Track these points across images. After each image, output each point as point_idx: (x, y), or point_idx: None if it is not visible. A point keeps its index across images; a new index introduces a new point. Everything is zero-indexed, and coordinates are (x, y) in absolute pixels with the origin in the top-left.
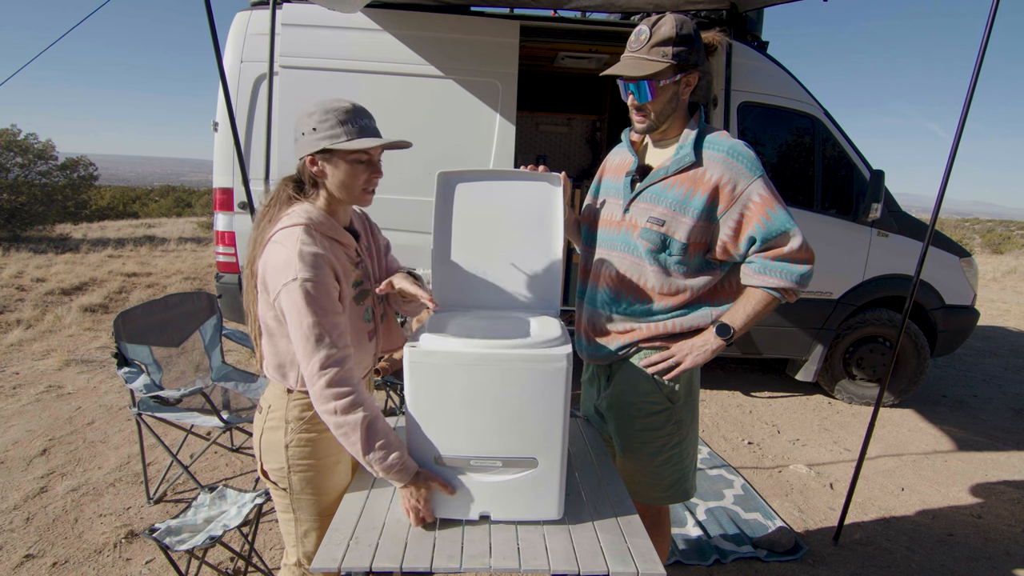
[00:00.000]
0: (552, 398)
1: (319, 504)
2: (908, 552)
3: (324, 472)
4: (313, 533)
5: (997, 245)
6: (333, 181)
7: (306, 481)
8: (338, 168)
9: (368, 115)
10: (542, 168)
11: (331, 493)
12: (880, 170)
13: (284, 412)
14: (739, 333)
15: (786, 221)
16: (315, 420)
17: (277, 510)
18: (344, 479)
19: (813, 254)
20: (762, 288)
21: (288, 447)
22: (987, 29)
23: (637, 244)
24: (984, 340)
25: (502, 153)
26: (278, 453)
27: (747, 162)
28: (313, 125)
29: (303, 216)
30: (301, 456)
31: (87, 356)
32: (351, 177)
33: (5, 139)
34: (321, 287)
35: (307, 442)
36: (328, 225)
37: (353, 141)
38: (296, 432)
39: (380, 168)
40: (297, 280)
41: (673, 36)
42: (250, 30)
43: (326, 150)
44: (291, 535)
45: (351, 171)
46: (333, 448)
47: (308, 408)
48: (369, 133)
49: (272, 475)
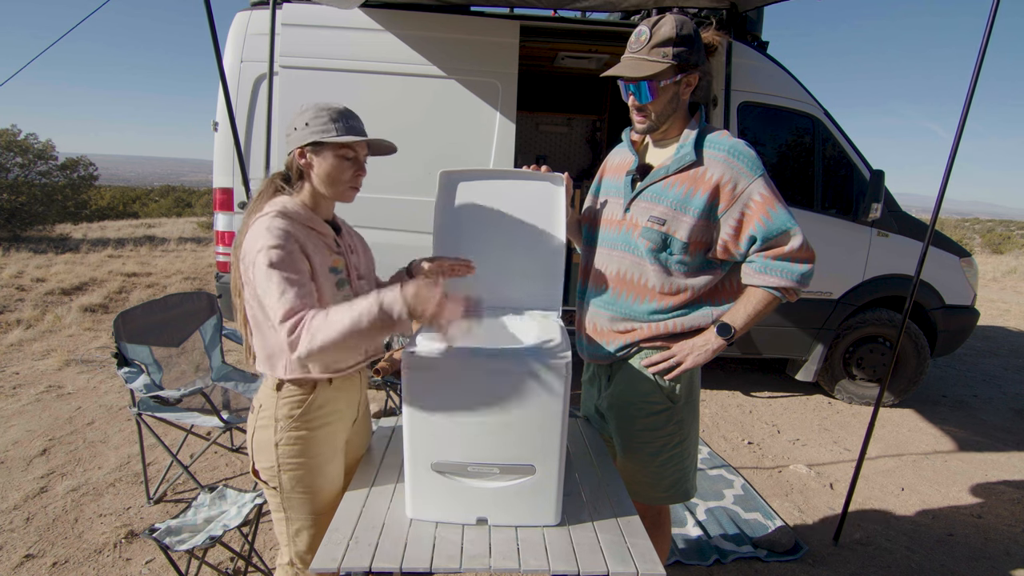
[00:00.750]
0: (550, 405)
1: (310, 503)
2: (908, 552)
3: (314, 471)
4: (305, 532)
5: (997, 245)
6: (319, 173)
7: (296, 480)
8: (325, 161)
9: (358, 119)
10: (544, 168)
11: (322, 492)
12: (880, 170)
13: (274, 411)
14: (740, 333)
15: (787, 220)
16: (304, 418)
17: (271, 509)
18: (336, 479)
19: (814, 253)
20: (763, 287)
21: (278, 445)
22: (987, 29)
23: (638, 243)
24: (984, 340)
25: (502, 153)
26: (268, 452)
27: (748, 161)
28: (306, 121)
29: (279, 206)
30: (291, 455)
31: (87, 356)
32: (337, 171)
33: (5, 139)
34: (286, 255)
35: (296, 440)
36: (304, 215)
37: (341, 136)
38: (285, 430)
39: (364, 167)
40: (263, 250)
41: (673, 36)
42: (250, 30)
43: (315, 143)
44: (283, 534)
45: (337, 165)
46: (323, 447)
47: (298, 406)
48: (357, 134)
49: (263, 474)
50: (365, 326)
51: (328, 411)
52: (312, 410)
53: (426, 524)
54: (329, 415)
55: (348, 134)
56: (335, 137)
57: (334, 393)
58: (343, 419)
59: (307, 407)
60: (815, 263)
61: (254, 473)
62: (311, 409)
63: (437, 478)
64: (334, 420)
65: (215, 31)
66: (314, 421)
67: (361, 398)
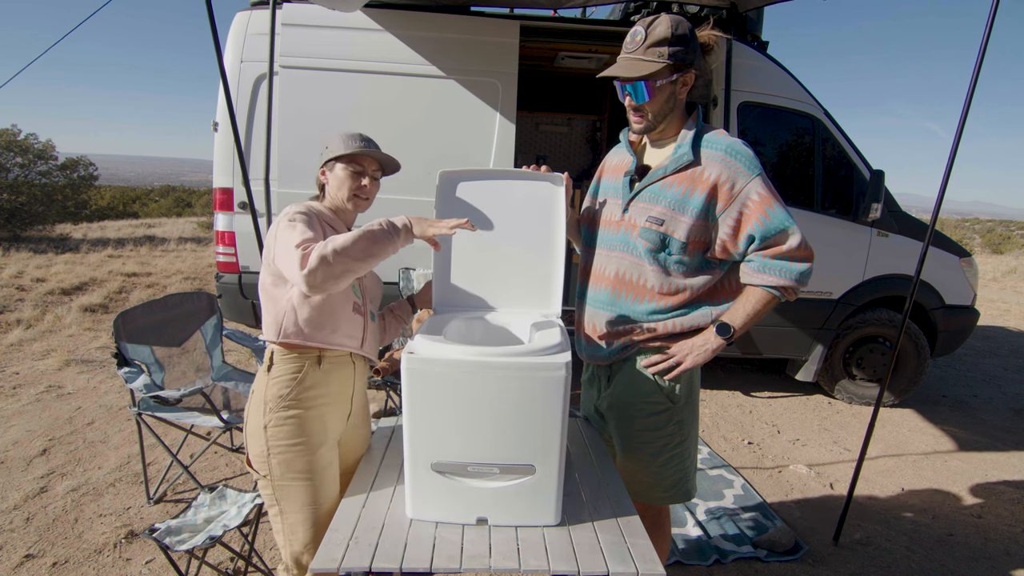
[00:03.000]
0: (550, 406)
1: (303, 492)
2: (908, 552)
3: (304, 454)
4: (300, 528)
5: (997, 245)
6: (331, 185)
7: (286, 465)
8: (334, 173)
9: (372, 142)
10: (544, 168)
11: (314, 479)
12: (880, 170)
13: (264, 393)
14: (739, 332)
15: (785, 219)
16: (294, 397)
17: (267, 507)
18: (330, 467)
19: (812, 252)
20: (762, 287)
21: (267, 428)
22: (987, 29)
23: (636, 244)
24: (984, 340)
25: (502, 153)
26: (258, 437)
27: (745, 160)
28: (328, 144)
29: (304, 205)
30: (280, 436)
31: (87, 356)
32: (340, 180)
33: (5, 139)
34: (309, 219)
35: (285, 420)
36: (328, 216)
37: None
38: (274, 411)
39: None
40: (288, 215)
41: (668, 36)
42: (250, 30)
43: (329, 160)
44: (280, 533)
45: (343, 175)
46: (314, 428)
47: (287, 385)
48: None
49: (254, 461)
50: (375, 231)
51: (318, 393)
52: (302, 390)
53: (426, 524)
54: (319, 398)
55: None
56: (339, 151)
57: (324, 376)
58: (334, 405)
59: (296, 385)
60: (814, 262)
61: (247, 464)
62: (301, 389)
63: (437, 478)
64: (324, 404)
65: (216, 31)
66: (304, 402)
67: (354, 392)
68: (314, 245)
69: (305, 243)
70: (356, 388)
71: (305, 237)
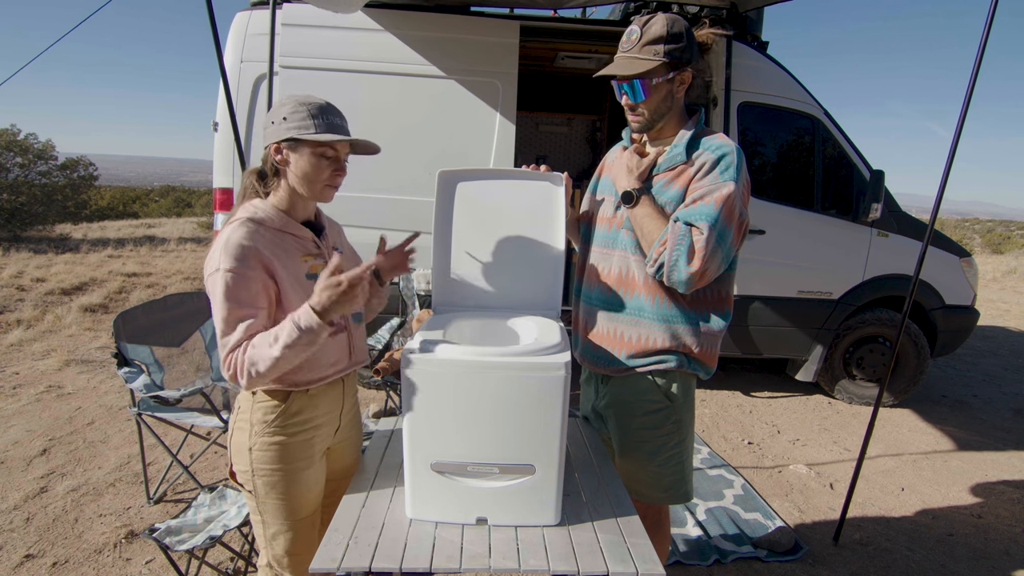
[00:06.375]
0: (550, 405)
1: (285, 509)
2: (908, 552)
3: (288, 479)
4: (281, 537)
5: (997, 245)
6: (295, 171)
7: (270, 486)
8: (302, 159)
9: (340, 115)
10: (544, 168)
11: (297, 499)
12: (880, 170)
13: (249, 414)
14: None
15: (715, 220)
16: (280, 424)
17: (249, 513)
18: (314, 486)
19: (707, 269)
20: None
21: (252, 450)
22: (986, 29)
23: (624, 237)
24: (984, 340)
25: (502, 153)
26: (243, 456)
27: (726, 166)
28: (284, 115)
29: (249, 211)
30: (264, 460)
31: (87, 356)
32: (314, 170)
33: (5, 139)
34: (240, 279)
35: (270, 446)
36: (277, 219)
37: (320, 134)
38: (260, 436)
39: (345, 167)
40: (220, 271)
41: (664, 34)
42: (250, 30)
43: (293, 140)
44: (261, 537)
45: (315, 164)
46: (299, 455)
47: (272, 411)
48: (338, 131)
49: (239, 477)
50: (293, 345)
51: (303, 419)
52: (287, 417)
53: (426, 524)
54: (305, 423)
55: (328, 132)
56: (314, 135)
57: (310, 401)
58: (321, 428)
59: (281, 414)
60: (696, 277)
61: (231, 475)
62: (286, 416)
63: (437, 478)
64: (310, 429)
65: (216, 31)
66: (289, 428)
67: (344, 408)
68: (238, 356)
69: (230, 346)
70: (346, 403)
71: (226, 331)
